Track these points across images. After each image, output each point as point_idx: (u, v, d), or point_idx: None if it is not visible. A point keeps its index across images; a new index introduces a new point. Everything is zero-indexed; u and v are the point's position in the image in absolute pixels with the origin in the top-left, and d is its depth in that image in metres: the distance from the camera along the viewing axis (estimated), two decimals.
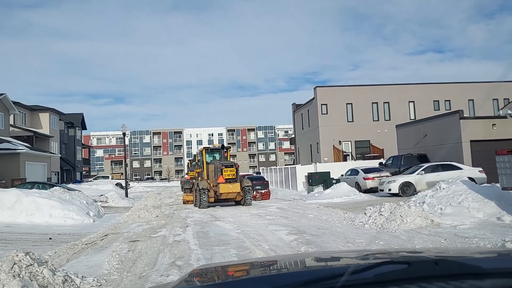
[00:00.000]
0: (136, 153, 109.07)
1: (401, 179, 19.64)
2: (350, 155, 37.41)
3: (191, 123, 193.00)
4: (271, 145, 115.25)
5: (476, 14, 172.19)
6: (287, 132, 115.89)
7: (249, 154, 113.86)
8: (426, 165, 19.92)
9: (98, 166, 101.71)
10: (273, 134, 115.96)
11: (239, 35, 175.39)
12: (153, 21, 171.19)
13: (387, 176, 22.65)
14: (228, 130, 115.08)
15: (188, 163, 49.44)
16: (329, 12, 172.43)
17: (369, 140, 38.76)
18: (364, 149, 38.41)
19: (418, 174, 19.47)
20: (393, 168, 24.82)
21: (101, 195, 27.68)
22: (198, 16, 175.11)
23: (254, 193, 25.61)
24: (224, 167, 19.97)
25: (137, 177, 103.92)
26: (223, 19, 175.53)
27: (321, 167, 28.74)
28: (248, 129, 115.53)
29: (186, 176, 40.62)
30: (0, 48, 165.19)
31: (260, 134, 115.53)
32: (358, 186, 23.11)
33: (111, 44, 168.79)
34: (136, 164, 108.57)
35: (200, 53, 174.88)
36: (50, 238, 12.54)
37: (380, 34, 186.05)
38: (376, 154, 36.95)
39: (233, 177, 19.96)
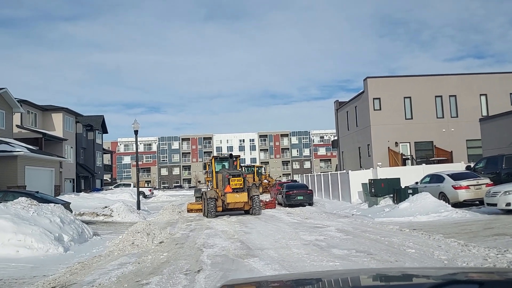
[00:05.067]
0: (164, 160, 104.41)
1: None
2: (411, 158, 30.76)
3: (222, 130, 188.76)
4: (306, 152, 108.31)
5: None
6: (322, 137, 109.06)
7: (282, 161, 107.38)
8: None
9: (125, 174, 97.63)
10: (307, 140, 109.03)
11: (272, 44, 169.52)
12: (188, 31, 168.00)
13: (487, 184, 16.16)
14: (260, 136, 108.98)
15: None
16: (363, 19, 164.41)
17: (432, 141, 32.02)
18: (427, 152, 31.70)
19: None
20: (487, 172, 18.23)
21: (105, 207, 22.19)
22: (232, 26, 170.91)
23: None
24: (231, 176, 19.73)
25: (165, 185, 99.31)
26: (256, 28, 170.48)
27: (382, 173, 22.35)
28: (281, 134, 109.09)
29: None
30: (40, 59, 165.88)
31: (294, 140, 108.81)
32: (444, 198, 16.69)
33: (147, 54, 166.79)
34: (164, 172, 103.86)
35: (232, 62, 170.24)
36: None
37: (416, 40, 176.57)
38: (442, 158, 30.28)
39: (241, 186, 19.70)
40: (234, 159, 22.85)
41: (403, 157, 30.58)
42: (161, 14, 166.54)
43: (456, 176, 16.96)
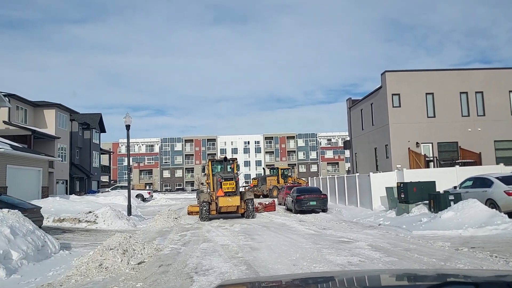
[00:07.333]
0: (167, 162, 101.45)
1: None
2: (435, 160, 27.71)
3: (226, 133, 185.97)
4: (313, 155, 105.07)
5: None
6: (330, 140, 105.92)
7: (288, 164, 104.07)
8: None
9: (126, 176, 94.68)
10: (314, 143, 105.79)
11: (278, 48, 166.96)
12: (195, 34, 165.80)
13: None
14: (266, 138, 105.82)
15: None
16: (370, 23, 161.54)
17: (457, 142, 28.97)
18: (451, 153, 28.65)
19: None
20: None
21: (89, 212, 19.29)
22: (239, 29, 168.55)
23: (256, 204, 23.27)
24: (223, 180, 19.65)
25: (167, 187, 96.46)
26: (262, 32, 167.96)
27: (409, 176, 19.32)
28: (287, 136, 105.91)
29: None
30: (46, 61, 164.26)
31: (301, 142, 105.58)
32: (493, 205, 13.71)
33: (153, 57, 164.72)
34: (166, 174, 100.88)
35: (238, 66, 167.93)
36: None
37: (423, 45, 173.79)
38: (469, 160, 27.22)
39: (233, 190, 19.60)
40: (231, 162, 22.84)
41: (426, 158, 27.53)
42: (168, 17, 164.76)
43: (508, 180, 13.97)
